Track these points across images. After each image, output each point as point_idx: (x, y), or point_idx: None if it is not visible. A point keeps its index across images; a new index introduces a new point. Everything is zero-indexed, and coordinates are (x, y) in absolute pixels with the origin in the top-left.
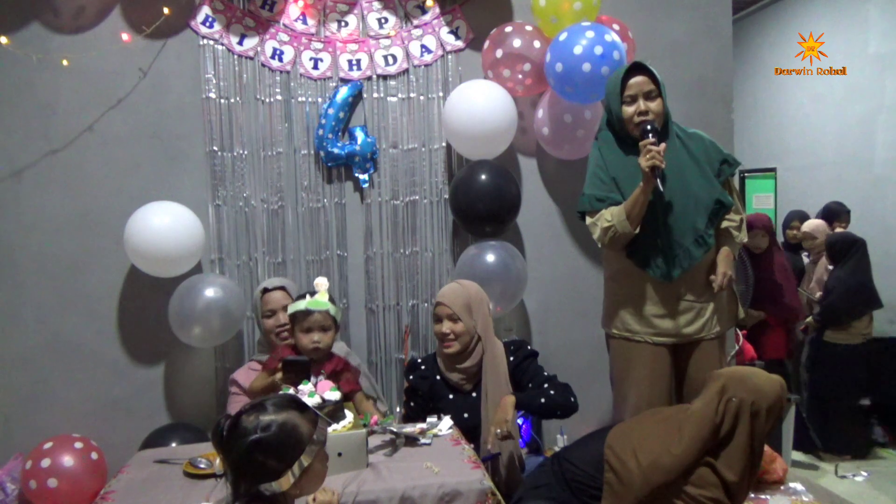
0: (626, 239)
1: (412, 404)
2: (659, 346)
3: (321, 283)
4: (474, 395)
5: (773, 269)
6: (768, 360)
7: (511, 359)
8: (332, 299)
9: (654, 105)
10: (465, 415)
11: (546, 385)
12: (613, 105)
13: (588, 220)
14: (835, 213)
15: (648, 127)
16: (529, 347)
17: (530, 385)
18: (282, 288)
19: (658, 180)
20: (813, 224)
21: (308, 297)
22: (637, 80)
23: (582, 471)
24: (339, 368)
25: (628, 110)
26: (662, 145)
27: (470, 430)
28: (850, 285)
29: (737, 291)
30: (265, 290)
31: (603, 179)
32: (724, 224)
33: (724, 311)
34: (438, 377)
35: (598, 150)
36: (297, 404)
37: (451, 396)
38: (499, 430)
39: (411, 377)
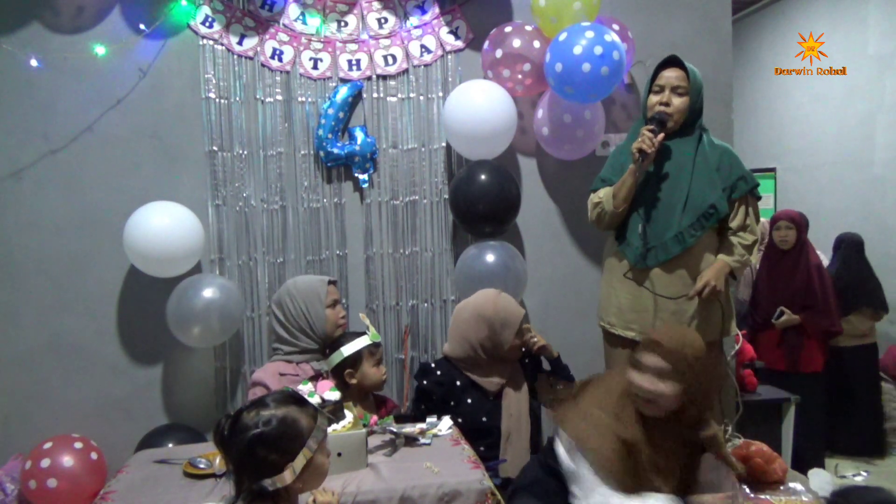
0: (612, 218)
1: (423, 407)
2: (635, 343)
3: (366, 316)
4: (491, 398)
5: (803, 269)
6: (804, 374)
7: (526, 360)
8: None
9: (679, 101)
10: (484, 418)
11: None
12: (644, 93)
13: (590, 197)
14: None
15: (656, 116)
16: None
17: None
18: (335, 282)
19: (640, 161)
20: None
21: (360, 335)
22: (670, 73)
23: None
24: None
25: (653, 99)
26: (660, 136)
27: (488, 430)
28: (836, 278)
29: (741, 297)
30: (330, 281)
31: (612, 164)
32: (735, 240)
33: (707, 321)
34: (458, 382)
35: (627, 138)
36: (296, 399)
37: (469, 400)
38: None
39: (425, 382)
